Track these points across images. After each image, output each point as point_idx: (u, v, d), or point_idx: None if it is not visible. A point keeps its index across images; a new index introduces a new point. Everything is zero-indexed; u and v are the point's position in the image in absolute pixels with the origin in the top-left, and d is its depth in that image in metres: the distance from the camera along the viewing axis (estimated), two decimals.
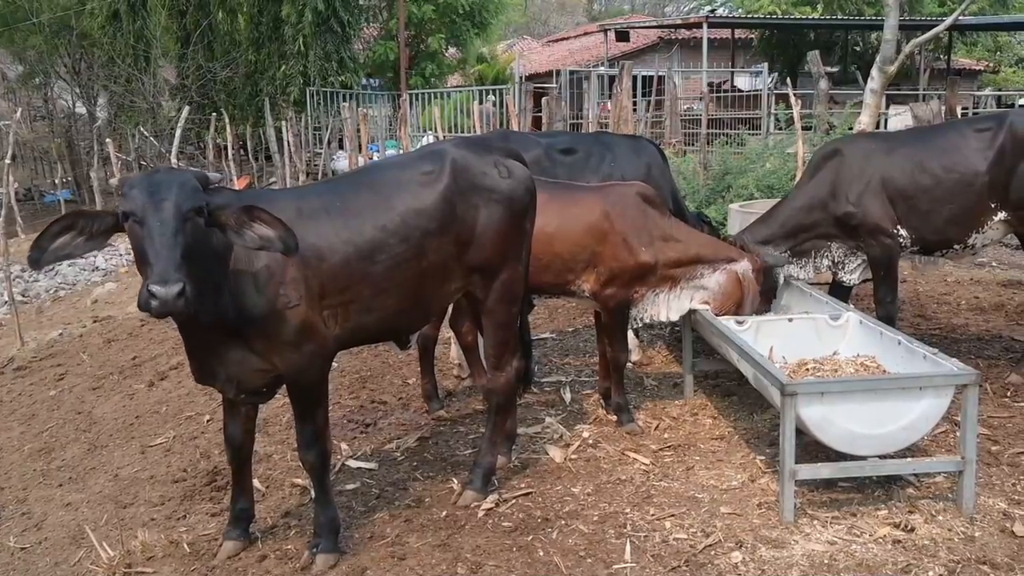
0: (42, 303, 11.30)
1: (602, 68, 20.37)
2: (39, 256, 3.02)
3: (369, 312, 3.52)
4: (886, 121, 15.83)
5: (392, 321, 3.68)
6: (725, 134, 14.51)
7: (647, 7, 48.58)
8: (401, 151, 14.88)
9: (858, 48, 26.93)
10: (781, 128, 11.84)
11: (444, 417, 5.11)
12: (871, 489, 3.89)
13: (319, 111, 20.14)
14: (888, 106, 16.08)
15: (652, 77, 18.01)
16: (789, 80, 17.99)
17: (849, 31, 25.87)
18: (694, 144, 14.38)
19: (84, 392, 6.60)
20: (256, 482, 4.17)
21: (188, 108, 11.89)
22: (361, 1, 23.25)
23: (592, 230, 4.56)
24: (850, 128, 9.60)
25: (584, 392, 5.38)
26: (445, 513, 3.88)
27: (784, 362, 4.45)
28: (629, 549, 3.49)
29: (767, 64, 21.24)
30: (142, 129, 19.05)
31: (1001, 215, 5.11)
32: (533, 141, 5.72)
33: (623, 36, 26.65)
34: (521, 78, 21.11)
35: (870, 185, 5.15)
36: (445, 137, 13.30)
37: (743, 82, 24.53)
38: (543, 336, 6.64)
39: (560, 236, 4.52)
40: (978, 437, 3.92)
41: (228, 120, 15.88)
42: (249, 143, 20.58)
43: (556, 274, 4.60)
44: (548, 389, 5.48)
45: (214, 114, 17.00)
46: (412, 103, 18.50)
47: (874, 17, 22.64)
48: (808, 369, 4.32)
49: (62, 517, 4.48)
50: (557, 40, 37.29)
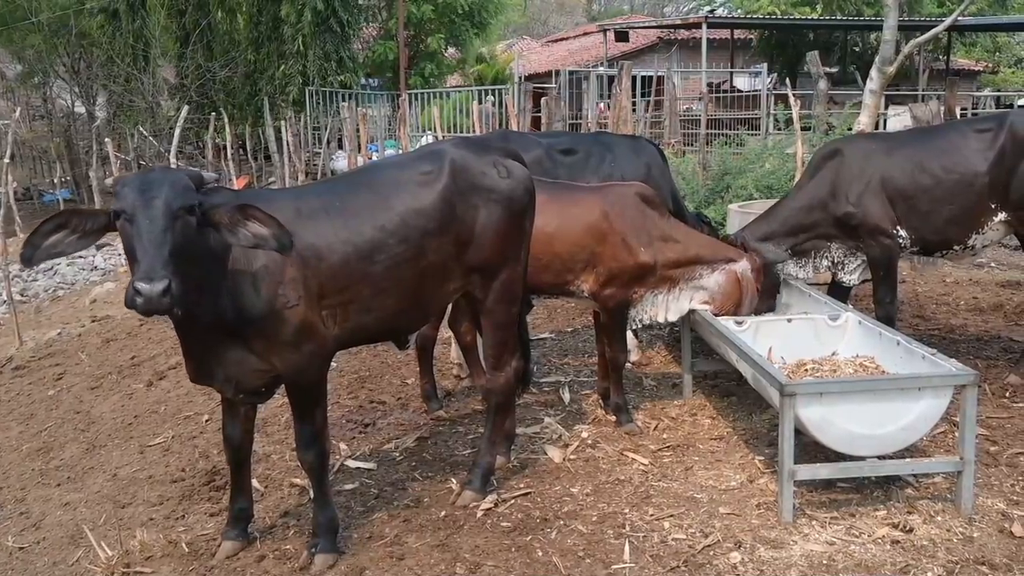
0: (41, 302, 11.30)
1: (601, 68, 20.37)
2: (31, 254, 3.03)
3: (368, 312, 3.52)
4: (885, 121, 15.83)
5: (391, 321, 3.68)
6: (724, 134, 14.51)
7: (646, 7, 48.60)
8: (400, 151, 14.87)
9: (857, 48, 26.96)
10: (780, 128, 11.85)
11: (443, 417, 5.11)
12: (870, 490, 3.89)
13: (318, 111, 20.13)
14: (887, 107, 16.09)
15: (651, 77, 18.03)
16: (788, 80, 18.11)
17: (848, 31, 25.89)
18: (693, 144, 14.40)
19: (83, 392, 6.60)
20: (255, 482, 4.17)
21: (187, 108, 11.87)
22: (360, 1, 23.23)
23: (591, 230, 4.56)
24: (849, 128, 9.59)
25: (583, 392, 5.37)
26: (444, 513, 3.88)
27: (783, 362, 4.45)
28: (628, 549, 3.48)
29: (766, 64, 21.26)
30: (141, 129, 19.03)
31: (1001, 216, 5.11)
32: (534, 141, 5.71)
33: (622, 36, 26.69)
34: (520, 78, 21.14)
35: (870, 185, 5.15)
36: (444, 137, 13.30)
37: (742, 82, 24.53)
38: (542, 336, 6.64)
39: (559, 236, 4.52)
40: (977, 438, 3.92)
41: (227, 120, 15.85)
42: (248, 143, 20.58)
43: (555, 274, 4.60)
44: (547, 389, 5.48)
45: (213, 114, 16.98)
46: (411, 103, 18.48)
47: (873, 17, 22.66)
48: (807, 369, 4.32)
49: (60, 517, 4.47)
50: (556, 40, 37.30)
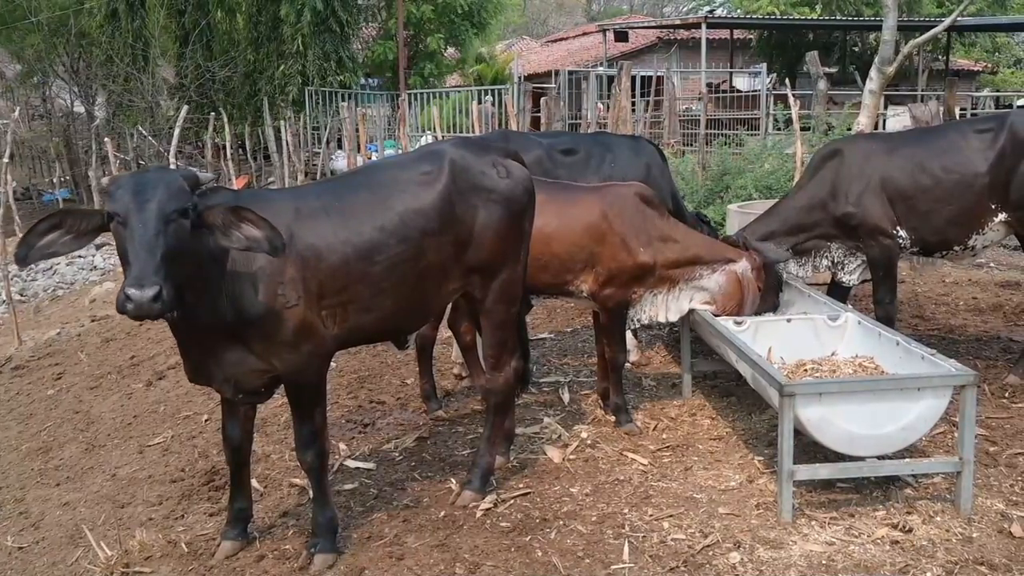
0: (40, 302, 11.30)
1: (601, 68, 20.35)
2: (26, 253, 3.02)
3: (368, 312, 3.52)
4: (885, 122, 15.84)
5: (391, 321, 3.68)
6: (724, 134, 14.51)
7: (646, 7, 48.62)
8: (400, 151, 14.86)
9: (857, 49, 26.97)
10: (780, 129, 11.85)
11: (442, 417, 5.11)
12: (869, 490, 3.90)
13: (318, 111, 20.12)
14: (887, 107, 16.11)
15: (651, 77, 17.99)
16: (788, 80, 18.10)
17: (848, 32, 25.90)
18: (693, 144, 14.39)
19: (82, 391, 6.60)
20: (254, 482, 4.17)
21: (186, 107, 11.85)
22: (360, 1, 23.23)
23: (590, 230, 4.56)
24: (849, 129, 9.60)
25: (582, 392, 5.37)
26: (443, 513, 3.88)
27: (782, 363, 4.45)
28: (627, 549, 3.48)
29: (766, 64, 21.22)
30: (140, 128, 19.03)
31: (1001, 216, 5.10)
32: (534, 142, 5.71)
33: (622, 36, 26.70)
34: (520, 78, 21.09)
35: (870, 185, 5.15)
36: (444, 137, 13.29)
37: (742, 82, 24.53)
38: (541, 336, 6.64)
39: (558, 236, 4.52)
40: (976, 438, 3.93)
41: (226, 120, 15.83)
42: (248, 143, 20.55)
43: (554, 274, 4.60)
44: (546, 389, 5.48)
45: (212, 114, 16.95)
46: (411, 103, 18.46)
47: (873, 18, 22.66)
48: (806, 370, 4.33)
49: (60, 516, 4.47)
50: (556, 40, 37.29)
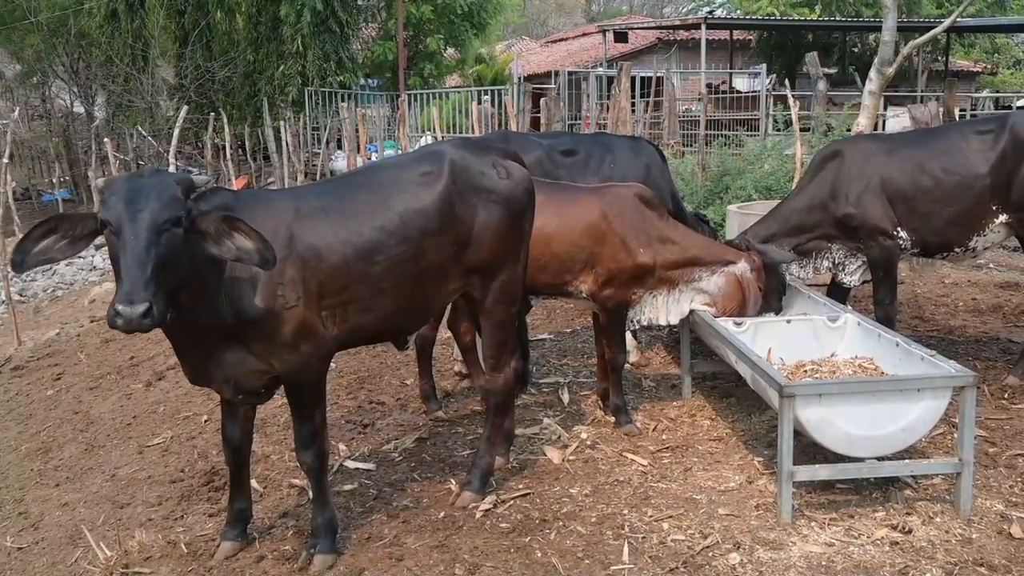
0: (39, 303, 11.31)
1: (600, 69, 20.34)
2: (22, 259, 3.02)
3: (367, 312, 3.52)
4: (884, 123, 15.85)
5: (390, 321, 3.68)
6: (723, 135, 14.53)
7: (645, 8, 48.61)
8: (399, 151, 14.86)
9: (856, 49, 26.98)
10: (779, 129, 11.87)
11: (442, 418, 5.11)
12: (869, 491, 3.90)
13: (317, 111, 20.12)
14: (886, 108, 16.11)
15: (650, 78, 17.99)
16: (787, 81, 18.10)
17: (847, 32, 25.90)
18: (692, 145, 14.38)
19: (81, 392, 6.59)
20: (254, 482, 4.16)
21: (186, 108, 11.85)
22: (360, 1, 23.22)
23: (590, 231, 4.56)
24: (848, 130, 9.61)
25: (582, 393, 5.37)
26: (443, 514, 3.88)
27: (782, 364, 4.45)
28: (627, 550, 3.48)
29: (765, 65, 21.22)
30: (140, 129, 19.03)
31: (1002, 217, 5.10)
32: (534, 142, 5.71)
33: (621, 37, 26.69)
34: (519, 79, 21.10)
35: (870, 186, 5.15)
36: (444, 138, 13.29)
37: (741, 83, 24.53)
38: (541, 337, 6.64)
39: (558, 237, 4.52)
40: (976, 439, 3.93)
41: (226, 120, 15.84)
42: (247, 143, 20.55)
43: (554, 275, 4.60)
44: (546, 390, 5.48)
45: (212, 114, 16.96)
46: (411, 103, 18.46)
47: (872, 19, 22.67)
48: (806, 371, 4.32)
49: (59, 517, 4.47)
50: (555, 41, 37.28)
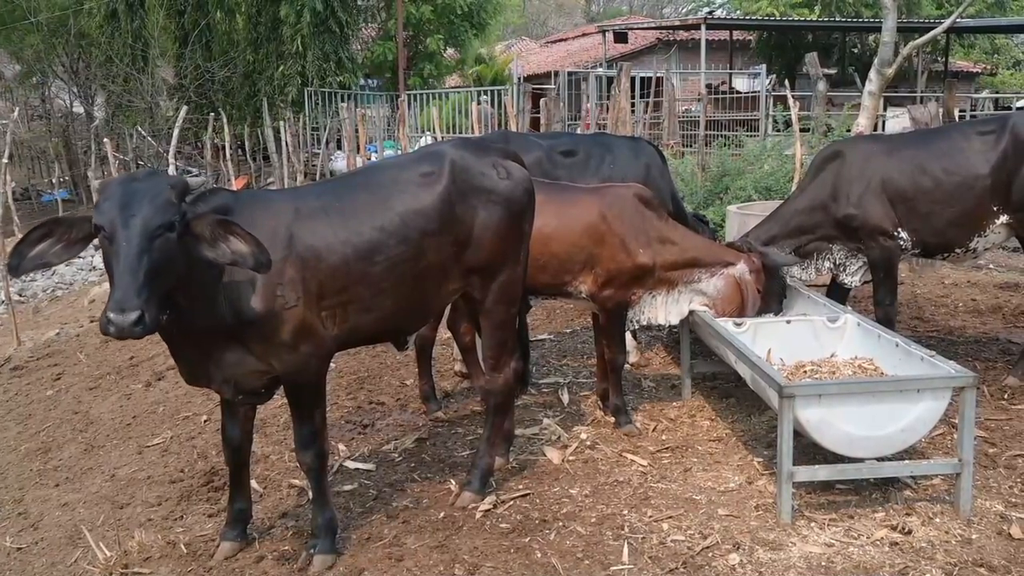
0: (39, 303, 11.30)
1: (600, 69, 20.34)
2: (18, 263, 3.01)
3: (367, 312, 3.52)
4: (884, 123, 15.85)
5: (390, 322, 3.68)
6: (723, 136, 14.53)
7: (645, 8, 48.62)
8: (399, 152, 14.86)
9: (856, 50, 26.99)
10: (779, 130, 11.86)
11: (442, 418, 5.11)
12: (868, 491, 3.90)
13: (317, 111, 20.13)
14: (886, 108, 16.12)
15: (650, 78, 17.98)
16: (787, 82, 18.12)
17: (847, 33, 25.92)
18: (692, 146, 14.39)
19: (81, 392, 6.59)
20: (254, 483, 4.16)
21: (186, 108, 11.84)
22: (359, 1, 23.22)
23: (589, 231, 4.56)
24: (848, 130, 9.61)
25: (582, 393, 5.37)
26: (443, 514, 3.88)
27: (782, 364, 4.45)
28: (627, 551, 3.48)
29: (765, 66, 21.23)
30: (140, 129, 19.03)
31: (1003, 218, 5.10)
32: (534, 143, 5.71)
33: (621, 37, 26.72)
34: (519, 79, 21.11)
35: (871, 187, 5.15)
36: (443, 138, 13.29)
37: (741, 84, 24.53)
38: (541, 337, 6.64)
39: (558, 237, 4.52)
40: (975, 439, 3.92)
41: (226, 120, 15.83)
42: (247, 143, 20.54)
43: (553, 275, 4.60)
44: (546, 390, 5.48)
45: (212, 114, 16.97)
46: (410, 104, 18.46)
47: (872, 19, 22.68)
48: (806, 371, 4.32)
49: (59, 517, 4.47)
50: (555, 41, 37.29)
